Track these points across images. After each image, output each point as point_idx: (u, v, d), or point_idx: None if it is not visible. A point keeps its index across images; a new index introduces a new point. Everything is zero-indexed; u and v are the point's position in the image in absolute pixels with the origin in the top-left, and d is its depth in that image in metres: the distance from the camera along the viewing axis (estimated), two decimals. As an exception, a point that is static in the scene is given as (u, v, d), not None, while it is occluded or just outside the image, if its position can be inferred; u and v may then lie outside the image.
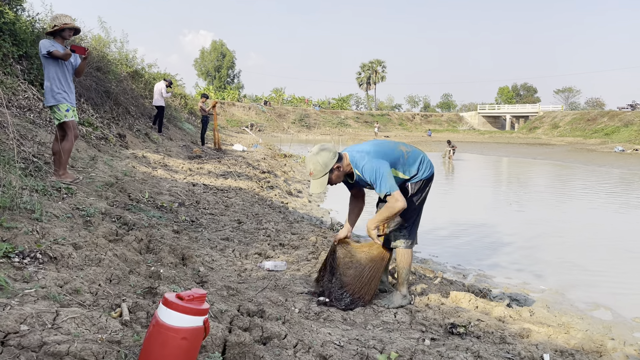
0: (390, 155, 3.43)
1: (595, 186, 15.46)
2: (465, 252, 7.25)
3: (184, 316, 1.83)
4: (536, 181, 17.79)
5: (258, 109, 53.62)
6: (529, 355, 2.88)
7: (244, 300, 3.25)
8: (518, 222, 9.70)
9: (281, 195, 10.08)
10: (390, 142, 3.59)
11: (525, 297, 5.24)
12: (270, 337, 2.60)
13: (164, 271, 3.36)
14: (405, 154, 3.50)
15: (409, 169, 3.52)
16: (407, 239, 3.61)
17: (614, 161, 25.54)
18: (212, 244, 5.11)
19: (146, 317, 2.47)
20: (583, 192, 13.89)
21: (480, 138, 51.12)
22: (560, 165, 24.05)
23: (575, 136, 46.51)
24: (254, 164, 13.98)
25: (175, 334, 1.81)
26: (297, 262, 4.77)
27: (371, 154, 3.38)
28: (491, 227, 9.02)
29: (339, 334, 2.95)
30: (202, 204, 7.07)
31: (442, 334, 3.23)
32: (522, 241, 7.97)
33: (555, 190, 14.74)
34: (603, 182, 16.64)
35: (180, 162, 11.15)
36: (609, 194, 13.71)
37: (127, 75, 15.79)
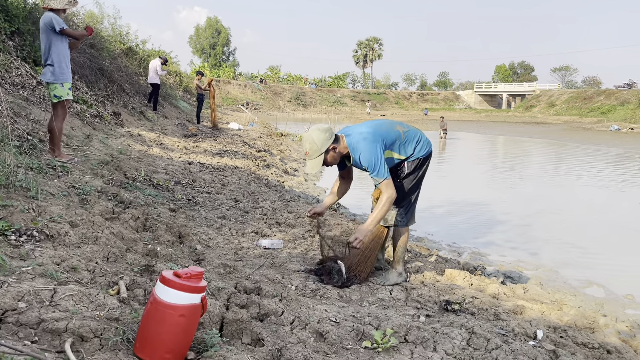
0: (387, 137, 3.42)
1: (590, 165, 15.51)
2: (461, 230, 7.30)
3: (182, 293, 1.84)
4: (532, 160, 17.84)
5: (254, 87, 53.21)
6: (523, 331, 2.92)
7: (241, 278, 3.27)
8: (513, 200, 9.75)
9: (277, 174, 10.07)
10: (387, 123, 3.57)
11: (519, 275, 5.30)
12: (268, 314, 2.62)
13: (161, 249, 3.37)
14: (402, 134, 3.49)
15: (405, 149, 3.51)
16: (403, 217, 3.62)
17: (610, 140, 25.60)
18: (209, 222, 5.11)
19: (144, 295, 2.49)
20: (578, 171, 13.94)
21: (477, 117, 51.01)
22: (556, 144, 24.08)
23: (571, 115, 46.47)
24: (250, 142, 13.91)
25: (173, 311, 1.82)
26: (294, 241, 4.79)
27: (368, 139, 3.37)
28: (486, 206, 9.07)
29: (335, 311, 2.98)
30: (198, 182, 7.05)
31: (437, 310, 3.26)
32: (517, 219, 8.03)
33: (550, 169, 14.78)
34: (599, 161, 16.69)
35: (176, 140, 11.09)
36: (604, 173, 13.77)
37: (121, 52, 15.59)
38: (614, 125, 34.42)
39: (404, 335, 2.70)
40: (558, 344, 2.83)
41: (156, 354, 1.80)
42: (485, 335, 2.72)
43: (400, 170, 3.57)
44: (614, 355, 2.73)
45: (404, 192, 3.58)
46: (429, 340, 2.65)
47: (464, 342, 2.69)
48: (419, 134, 3.59)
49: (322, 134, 3.36)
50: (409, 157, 3.53)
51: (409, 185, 3.58)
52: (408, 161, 3.53)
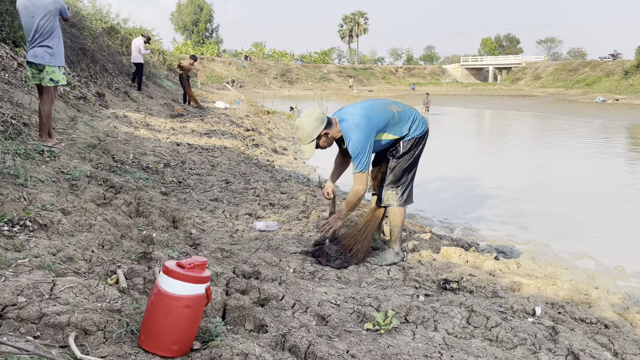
0: (380, 120, 3.40)
1: (577, 137, 15.64)
2: (452, 206, 7.34)
3: (186, 284, 1.82)
4: (519, 133, 17.94)
5: (238, 64, 52.49)
6: (522, 308, 2.96)
7: (239, 262, 3.26)
8: (502, 174, 9.82)
9: (267, 153, 10.02)
10: (382, 104, 3.53)
11: (511, 249, 5.36)
12: (268, 299, 2.62)
13: (156, 235, 3.33)
14: (396, 114, 3.47)
15: (400, 129, 3.49)
16: (400, 197, 3.62)
17: (595, 111, 25.80)
18: (202, 205, 5.08)
19: (143, 283, 2.46)
20: (565, 144, 14.06)
21: (463, 91, 51.04)
22: (543, 116, 24.22)
23: (557, 87, 46.68)
24: (237, 121, 13.80)
25: (178, 302, 1.81)
26: (289, 222, 4.78)
27: (361, 126, 3.35)
28: (476, 180, 9.12)
29: (334, 293, 2.99)
30: (187, 164, 7.00)
31: (435, 289, 3.29)
32: (506, 193, 8.09)
33: (538, 142, 14.89)
34: (585, 133, 16.84)
35: (163, 121, 10.95)
36: (591, 145, 13.91)
37: (103, 31, 15.21)
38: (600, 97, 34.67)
39: (405, 315, 2.72)
40: (556, 319, 2.88)
41: (162, 345, 1.79)
42: (484, 313, 2.75)
43: (396, 149, 3.55)
44: (612, 330, 2.78)
45: (400, 172, 3.57)
46: (429, 320, 2.68)
47: (464, 321, 2.72)
48: (414, 113, 3.57)
49: (313, 122, 3.37)
50: (404, 136, 3.51)
51: (404, 164, 3.57)
52: (404, 141, 3.51)
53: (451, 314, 2.76)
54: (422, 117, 3.61)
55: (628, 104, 31.12)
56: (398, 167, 3.57)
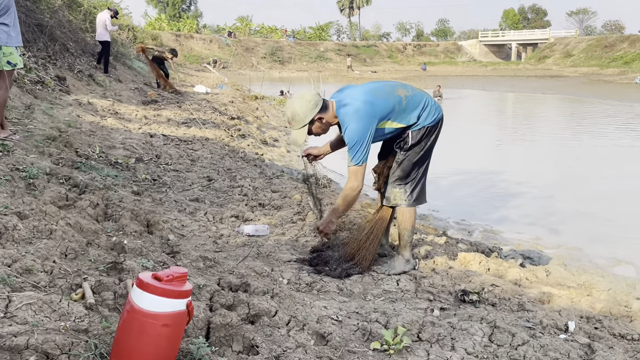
0: (385, 106, 3.39)
1: (616, 124, 15.69)
2: (470, 204, 7.37)
3: (164, 300, 1.81)
4: (547, 120, 17.99)
5: (221, 41, 52.41)
6: (552, 323, 2.97)
7: (224, 273, 3.26)
8: (527, 168, 9.85)
9: (255, 145, 10.02)
10: (387, 87, 3.52)
11: (539, 255, 5.38)
12: (259, 315, 2.62)
13: (128, 242, 3.33)
14: (403, 99, 3.45)
15: (407, 117, 3.48)
16: (408, 195, 3.61)
17: (635, 94, 25.87)
18: (180, 206, 5.09)
19: (113, 298, 2.46)
20: (601, 132, 14.09)
21: (482, 71, 51.10)
22: (575, 100, 24.28)
23: (590, 66, 46.78)
24: (220, 108, 13.79)
25: (155, 320, 1.80)
26: (281, 225, 4.79)
27: (361, 112, 3.34)
28: (497, 175, 9.14)
29: (335, 307, 2.99)
30: (163, 158, 7.01)
31: (452, 302, 3.30)
32: (533, 190, 8.12)
33: (569, 131, 14.92)
34: (624, 120, 16.89)
35: (134, 108, 10.93)
36: (630, 133, 13.95)
37: (63, 4, 15.13)
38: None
39: (417, 333, 2.72)
40: (593, 336, 2.89)
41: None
42: (509, 330, 2.76)
43: (404, 141, 3.54)
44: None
45: (409, 167, 3.57)
46: (445, 337, 2.69)
47: (486, 339, 2.73)
48: (425, 98, 3.55)
49: (305, 104, 3.38)
50: (413, 125, 3.51)
51: (414, 158, 3.56)
52: (413, 130, 3.50)
53: (471, 330, 2.76)
54: (434, 103, 3.60)
55: (673, 85, 31.24)
56: (407, 161, 3.56)
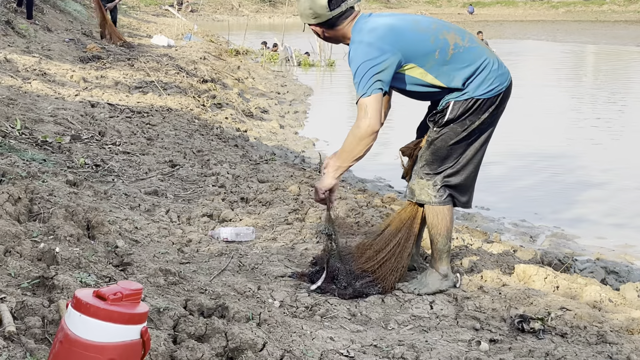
0: (416, 43, 3.37)
1: None
2: (533, 200, 7.38)
3: (110, 326, 1.82)
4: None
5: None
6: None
7: (193, 292, 3.26)
8: (615, 150, 9.82)
9: (236, 119, 10.01)
10: (435, 23, 3.49)
11: (628, 268, 5.39)
12: (241, 349, 2.63)
13: (61, 249, 3.33)
14: (451, 47, 3.38)
15: (449, 74, 3.43)
16: (439, 190, 3.59)
17: None
18: (133, 201, 5.10)
19: (41, 326, 2.47)
20: None
21: (552, 14, 50.84)
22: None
23: None
24: (188, 67, 13.74)
25: (98, 353, 1.81)
26: (272, 227, 4.80)
27: (377, 31, 3.34)
28: (571, 160, 9.13)
29: (346, 339, 3.00)
30: (109, 136, 7.01)
31: (506, 332, 3.28)
32: (621, 181, 8.12)
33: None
34: None
35: (68, 67, 10.90)
36: None
37: None
38: None
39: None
40: (699, 378, 2.89)
41: (73, 422, 1.81)
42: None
43: (441, 113, 3.52)
44: None
45: (442, 151, 3.52)
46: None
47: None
48: (484, 58, 3.46)
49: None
50: (456, 91, 3.47)
51: (450, 139, 3.49)
52: (457, 100, 3.46)
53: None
54: (497, 68, 3.49)
55: None
56: (440, 142, 3.51)
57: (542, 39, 32.10)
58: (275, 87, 15.76)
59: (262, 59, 20.27)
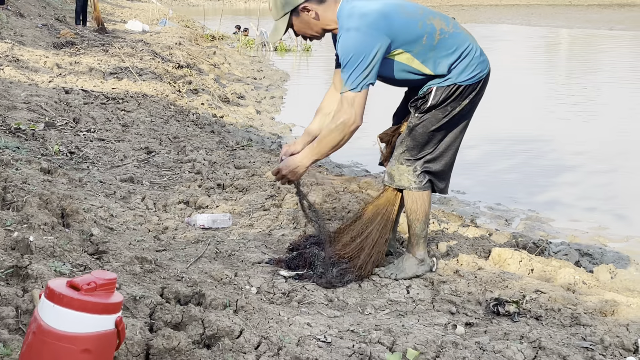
0: (405, 28, 3.33)
1: None
2: (507, 183, 7.43)
3: (84, 316, 1.81)
4: (616, 68, 18.03)
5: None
6: (617, 341, 2.98)
7: (170, 279, 3.25)
8: (588, 134, 9.90)
9: (212, 104, 9.99)
10: (421, 9, 3.44)
11: (601, 250, 5.45)
12: (218, 336, 2.62)
13: (35, 238, 3.30)
14: (437, 33, 3.36)
15: (435, 60, 3.40)
16: (419, 175, 3.60)
17: None
18: (108, 189, 5.07)
19: (15, 316, 2.45)
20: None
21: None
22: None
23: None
24: (163, 53, 13.69)
25: (72, 344, 1.79)
26: (248, 214, 4.79)
27: (368, 17, 3.27)
28: (546, 143, 9.20)
29: (323, 324, 3.00)
30: (83, 123, 6.98)
31: (482, 315, 3.31)
32: (593, 163, 8.19)
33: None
34: None
35: (42, 53, 10.84)
36: None
37: None
38: None
39: (434, 357, 2.75)
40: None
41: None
42: (559, 351, 2.79)
43: (424, 98, 3.51)
44: None
45: (423, 137, 3.52)
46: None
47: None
48: (468, 43, 3.46)
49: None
50: (441, 77, 3.46)
51: (432, 125, 3.49)
52: (439, 86, 3.45)
53: (507, 353, 2.78)
54: (480, 54, 3.51)
55: None
56: (421, 128, 3.52)
57: (517, 23, 32.23)
58: (252, 72, 15.72)
59: (238, 44, 20.17)
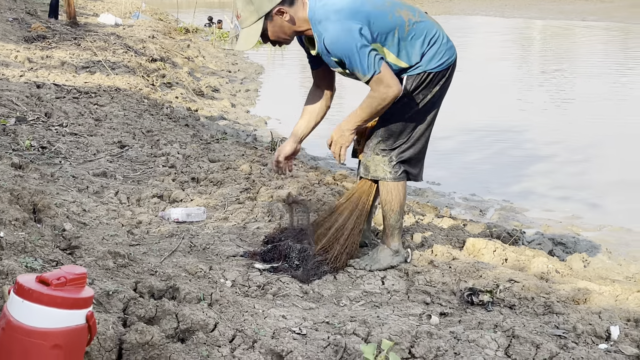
0: (378, 19, 3.31)
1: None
2: (482, 174, 7.47)
3: (54, 311, 1.80)
4: (588, 59, 18.18)
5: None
6: (590, 329, 3.01)
7: (143, 274, 3.23)
8: (561, 124, 9.98)
9: (186, 98, 9.95)
10: (387, 1, 3.43)
11: (574, 239, 5.51)
12: (192, 330, 2.62)
13: (5, 234, 3.28)
14: (406, 23, 3.36)
15: (409, 51, 3.39)
16: (394, 165, 3.60)
17: None
18: (81, 183, 5.04)
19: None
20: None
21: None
22: (623, 30, 24.59)
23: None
24: (136, 46, 13.60)
25: (42, 339, 1.78)
26: (223, 207, 4.78)
27: (343, 11, 3.25)
28: (519, 134, 9.26)
29: (298, 317, 3.00)
30: (55, 117, 6.94)
31: (456, 305, 3.32)
32: (566, 153, 8.26)
33: (617, 73, 15.13)
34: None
35: (12, 47, 10.74)
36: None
37: None
38: None
39: (409, 347, 2.75)
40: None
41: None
42: (532, 340, 2.81)
43: None
44: None
45: (397, 127, 3.53)
46: (447, 352, 2.72)
47: (501, 352, 2.77)
48: (435, 30, 3.46)
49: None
50: (412, 66, 3.47)
51: (405, 114, 3.52)
52: (409, 75, 3.46)
53: (481, 342, 2.80)
54: (448, 40, 3.52)
55: None
56: (395, 118, 3.52)
57: (491, 14, 32.35)
58: (226, 65, 15.67)
59: (212, 37, 20.08)
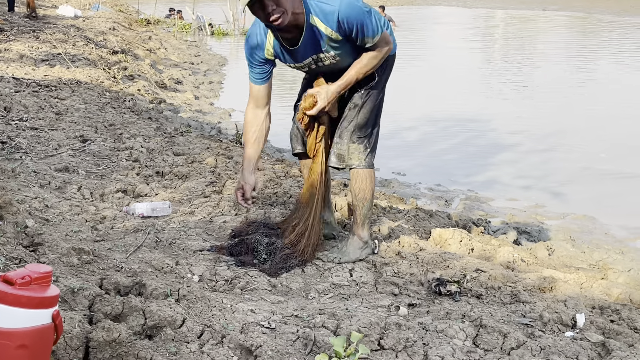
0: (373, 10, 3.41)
1: (635, 50, 16.20)
2: (447, 164, 7.52)
3: (18, 311, 1.78)
4: (549, 47, 18.40)
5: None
6: (556, 317, 3.06)
7: (109, 270, 3.20)
8: (523, 113, 10.07)
9: (149, 90, 9.89)
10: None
11: (539, 228, 5.58)
12: (159, 326, 2.60)
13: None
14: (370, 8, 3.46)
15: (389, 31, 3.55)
16: (368, 152, 3.62)
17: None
18: (42, 179, 4.98)
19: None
20: (617, 62, 14.55)
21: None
22: (582, 18, 24.94)
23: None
24: (97, 38, 13.47)
25: (7, 340, 1.77)
26: (189, 201, 4.77)
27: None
28: (483, 123, 9.33)
29: (266, 310, 3.00)
30: (15, 111, 6.85)
31: (424, 296, 3.35)
32: (530, 142, 8.34)
33: (578, 61, 15.33)
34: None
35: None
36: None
37: None
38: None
39: (378, 339, 2.76)
40: (608, 331, 3.00)
41: (-17, 413, 1.76)
42: (500, 329, 2.84)
43: (371, 76, 3.54)
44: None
45: (369, 113, 3.58)
46: (416, 343, 2.74)
47: (469, 342, 2.80)
48: (383, 19, 3.57)
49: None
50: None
51: (377, 98, 3.60)
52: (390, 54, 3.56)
53: (449, 332, 2.82)
54: (391, 30, 3.63)
55: None
56: (370, 103, 3.57)
57: (453, 4, 32.58)
58: (189, 57, 15.59)
59: (174, 28, 19.94)
